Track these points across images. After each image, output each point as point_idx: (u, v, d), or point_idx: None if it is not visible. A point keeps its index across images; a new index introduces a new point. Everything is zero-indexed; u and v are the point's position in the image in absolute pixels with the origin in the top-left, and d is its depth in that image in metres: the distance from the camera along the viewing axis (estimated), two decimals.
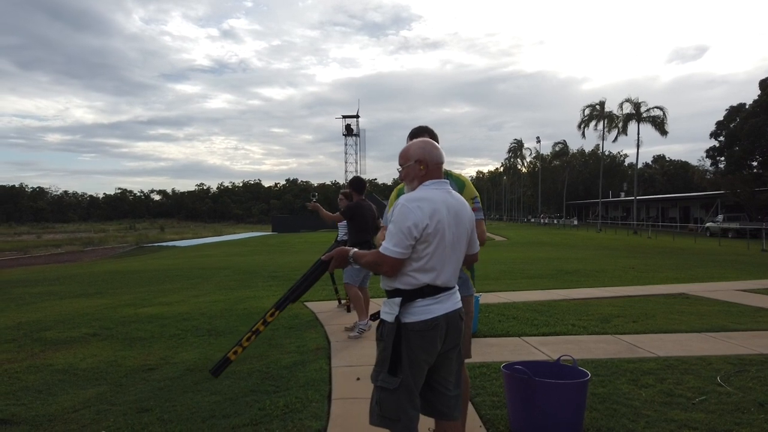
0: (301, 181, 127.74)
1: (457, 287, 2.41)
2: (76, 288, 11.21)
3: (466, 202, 2.44)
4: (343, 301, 7.79)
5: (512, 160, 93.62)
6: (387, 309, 2.31)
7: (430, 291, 2.26)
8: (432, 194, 2.28)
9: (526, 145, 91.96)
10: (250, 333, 2.59)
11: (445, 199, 2.29)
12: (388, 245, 2.22)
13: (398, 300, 2.27)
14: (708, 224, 39.89)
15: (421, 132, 2.96)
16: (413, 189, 2.36)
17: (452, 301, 2.32)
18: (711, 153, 51.94)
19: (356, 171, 63.90)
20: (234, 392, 4.06)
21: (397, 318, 2.24)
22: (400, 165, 2.42)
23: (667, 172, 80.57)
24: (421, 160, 2.34)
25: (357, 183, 6.44)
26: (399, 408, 2.24)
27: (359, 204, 6.10)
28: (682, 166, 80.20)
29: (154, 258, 23.35)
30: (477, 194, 3.00)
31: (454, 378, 2.40)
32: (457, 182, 2.93)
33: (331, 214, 6.46)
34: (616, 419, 3.44)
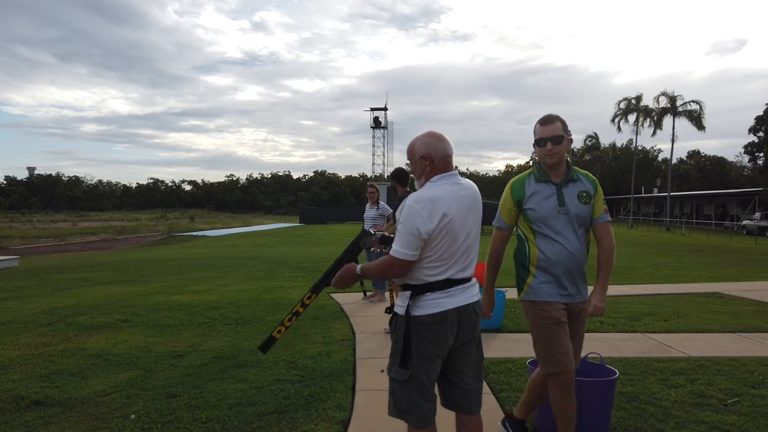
0: (329, 173, 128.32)
1: (474, 281, 2.37)
2: (109, 275, 11.49)
3: (477, 191, 2.39)
4: (368, 293, 7.82)
5: None
6: (399, 302, 2.32)
7: (440, 285, 2.24)
8: (439, 191, 2.24)
9: None
10: (290, 314, 2.81)
11: (453, 193, 2.26)
12: (397, 247, 2.21)
13: (408, 293, 2.27)
14: (744, 222, 38.76)
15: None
16: (421, 185, 2.34)
17: (466, 295, 2.30)
18: (749, 149, 50.33)
19: (383, 164, 63.96)
20: (260, 381, 4.12)
21: (407, 311, 2.24)
22: (408, 161, 2.41)
23: (703, 168, 78.46)
24: (426, 156, 2.31)
25: (401, 175, 6.04)
26: (410, 400, 2.25)
27: (404, 197, 5.90)
28: (719, 162, 77.94)
29: (184, 247, 23.78)
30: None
31: (473, 372, 2.38)
32: (589, 179, 2.83)
33: (388, 224, 6.39)
34: (644, 419, 3.38)
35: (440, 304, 2.23)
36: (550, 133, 2.72)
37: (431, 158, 2.30)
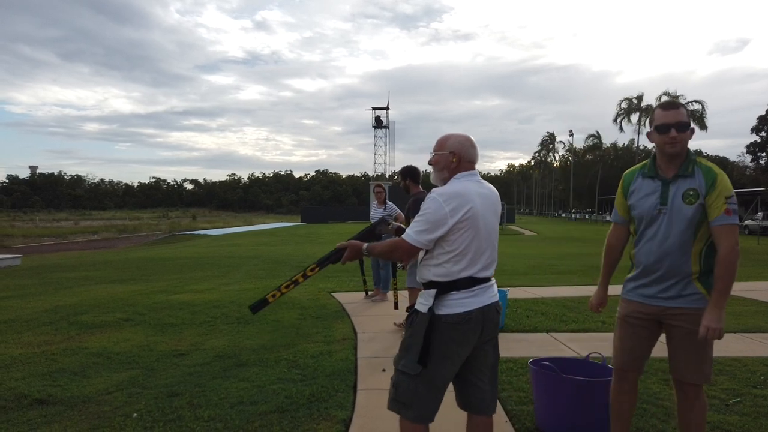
0: (331, 172, 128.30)
1: (494, 281, 2.38)
2: (111, 274, 11.50)
3: (496, 193, 2.42)
4: (370, 293, 7.82)
5: (544, 153, 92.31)
6: (422, 300, 2.32)
7: (465, 283, 2.24)
8: (463, 186, 2.28)
9: (558, 139, 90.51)
10: (289, 282, 2.67)
11: (477, 190, 2.30)
12: (411, 232, 2.25)
13: (433, 292, 2.27)
14: (747, 222, 38.66)
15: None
16: (442, 178, 2.37)
17: (488, 295, 2.31)
18: (751, 148, 50.31)
19: (385, 163, 63.91)
20: (262, 380, 4.12)
21: (431, 309, 2.24)
22: (434, 151, 2.42)
23: None
24: (456, 153, 2.35)
25: (414, 172, 5.71)
26: (415, 394, 2.25)
27: (419, 198, 5.18)
28: (721, 162, 77.71)
29: (186, 246, 23.80)
30: (732, 192, 2.42)
31: (489, 372, 2.39)
32: (708, 174, 2.43)
33: (400, 223, 6.28)
34: (646, 419, 3.37)
35: (466, 303, 2.24)
36: (675, 119, 2.45)
37: (460, 156, 2.35)
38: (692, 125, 2.52)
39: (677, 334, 2.55)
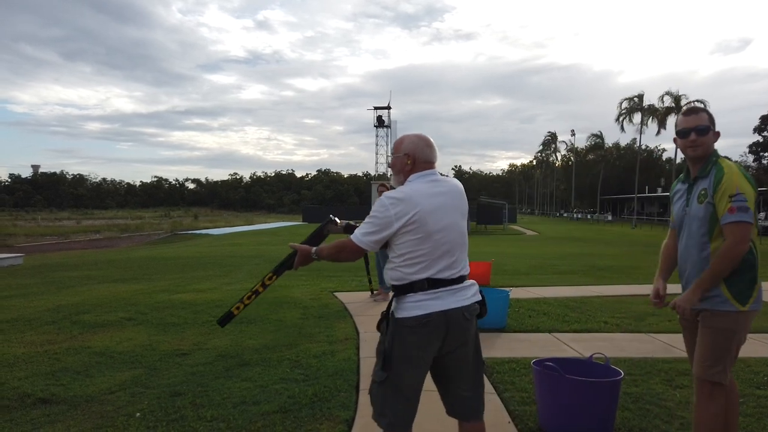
0: (333, 171, 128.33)
1: (469, 284, 2.32)
2: (113, 273, 11.51)
3: (458, 189, 2.36)
4: (375, 291, 7.83)
5: (545, 153, 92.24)
6: (391, 304, 2.31)
7: (422, 285, 2.20)
8: (412, 189, 2.24)
9: (560, 139, 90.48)
10: (251, 293, 2.77)
11: (430, 191, 2.25)
12: (357, 233, 2.25)
13: (393, 294, 2.28)
14: None
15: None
16: (399, 181, 2.36)
17: (455, 298, 2.24)
18: (754, 148, 50.27)
19: (387, 162, 63.87)
20: (264, 380, 4.12)
21: (392, 313, 2.24)
22: (392, 153, 2.43)
23: None
24: (410, 154, 2.33)
25: None
26: (384, 403, 2.23)
27: None
28: None
29: (188, 245, 23.82)
30: (741, 190, 2.39)
31: (471, 378, 2.34)
32: (717, 174, 2.47)
33: None
34: (648, 420, 3.37)
35: (424, 306, 2.19)
36: (695, 123, 2.55)
37: (414, 158, 2.32)
38: (716, 128, 2.57)
39: (699, 332, 2.60)
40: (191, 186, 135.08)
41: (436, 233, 2.21)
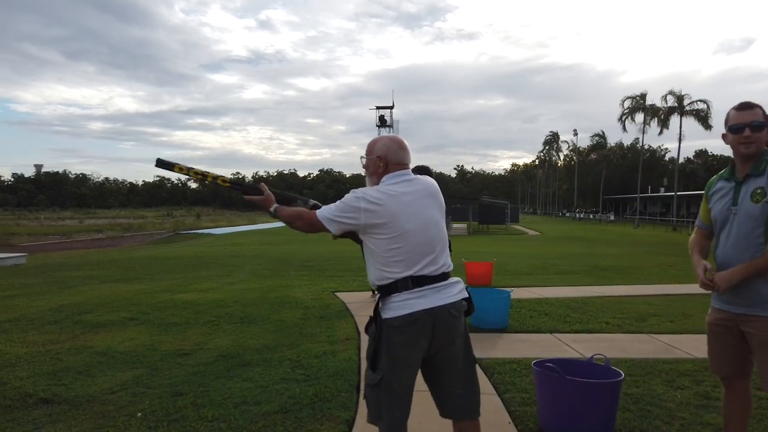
0: (335, 171, 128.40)
1: (454, 281, 2.32)
2: (115, 273, 11.54)
3: (432, 187, 2.37)
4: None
5: (548, 153, 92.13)
6: (378, 305, 2.30)
7: (406, 284, 2.20)
8: (385, 191, 2.26)
9: (562, 138, 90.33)
10: (202, 173, 2.59)
11: (402, 190, 2.27)
12: (323, 210, 2.27)
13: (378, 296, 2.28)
14: None
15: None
16: (372, 183, 2.37)
17: (441, 295, 2.24)
18: None
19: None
20: (265, 380, 4.13)
21: (378, 313, 2.24)
22: (365, 155, 2.42)
23: (710, 168, 78.07)
24: (382, 157, 2.34)
25: (426, 172, 5.69)
26: (378, 405, 2.23)
27: None
28: (726, 162, 76.55)
29: (190, 245, 23.86)
30: None
31: (462, 376, 2.33)
32: None
33: None
34: (649, 421, 3.37)
35: (409, 305, 2.19)
36: (750, 119, 2.40)
37: (386, 161, 2.33)
38: None
39: (751, 343, 2.47)
40: (193, 185, 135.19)
41: (410, 231, 2.22)
